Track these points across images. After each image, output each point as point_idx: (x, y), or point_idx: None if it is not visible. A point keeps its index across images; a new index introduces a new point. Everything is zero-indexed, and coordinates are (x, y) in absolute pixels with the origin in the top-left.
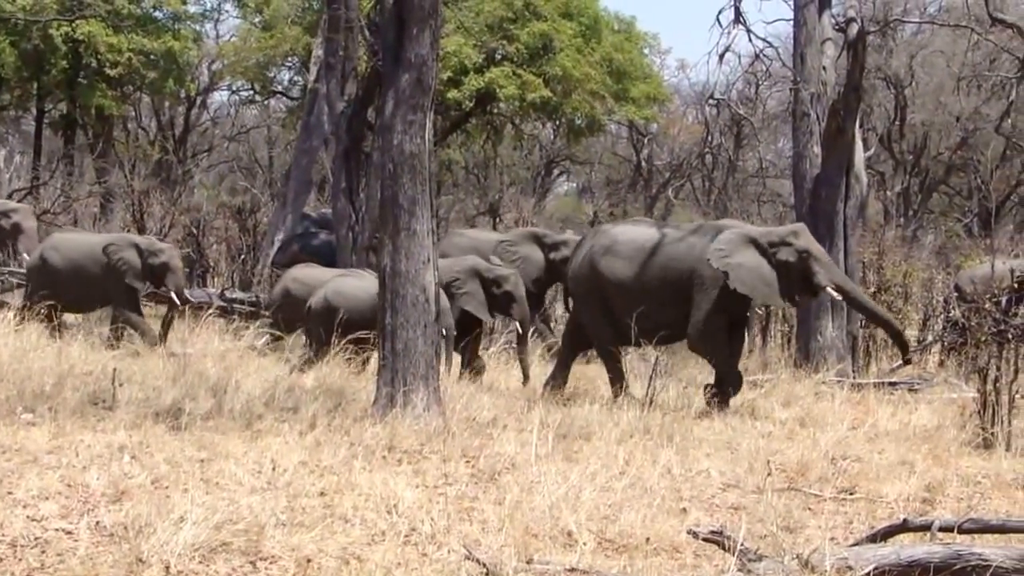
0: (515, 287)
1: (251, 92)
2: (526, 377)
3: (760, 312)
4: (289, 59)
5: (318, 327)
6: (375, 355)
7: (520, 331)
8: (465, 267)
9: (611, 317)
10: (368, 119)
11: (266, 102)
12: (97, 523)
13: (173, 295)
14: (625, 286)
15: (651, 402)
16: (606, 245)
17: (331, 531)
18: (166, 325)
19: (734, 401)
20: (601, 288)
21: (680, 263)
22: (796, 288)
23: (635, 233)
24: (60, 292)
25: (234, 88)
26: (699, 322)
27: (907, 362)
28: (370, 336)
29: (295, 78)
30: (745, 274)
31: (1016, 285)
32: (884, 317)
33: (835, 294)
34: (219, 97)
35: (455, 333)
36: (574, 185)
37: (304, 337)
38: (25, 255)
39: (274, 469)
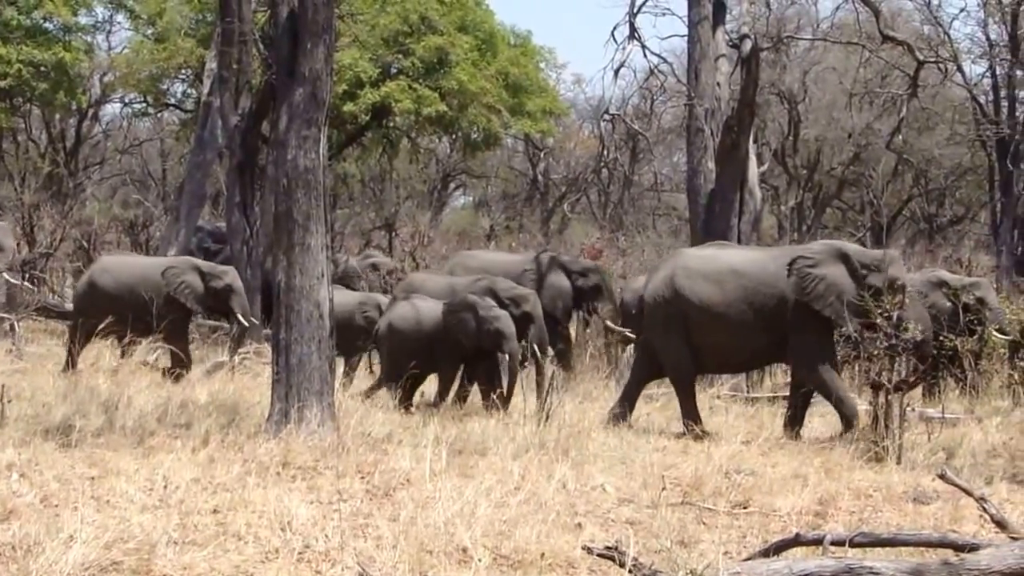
0: (533, 308)
1: (144, 104)
2: (539, 399)
3: None
4: (182, 71)
5: (384, 352)
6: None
7: (537, 354)
8: (481, 287)
9: (690, 344)
10: (263, 133)
11: (159, 115)
12: None
13: (240, 317)
14: (711, 311)
15: (547, 417)
16: (691, 267)
17: (224, 549)
18: (235, 344)
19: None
20: (683, 313)
21: (771, 287)
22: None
23: (722, 255)
24: (111, 317)
25: (126, 100)
26: (806, 350)
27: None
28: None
29: (188, 91)
30: (824, 288)
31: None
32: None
33: (919, 331)
34: (111, 109)
35: (520, 356)
36: (470, 199)
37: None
38: (6, 275)
39: (166, 486)
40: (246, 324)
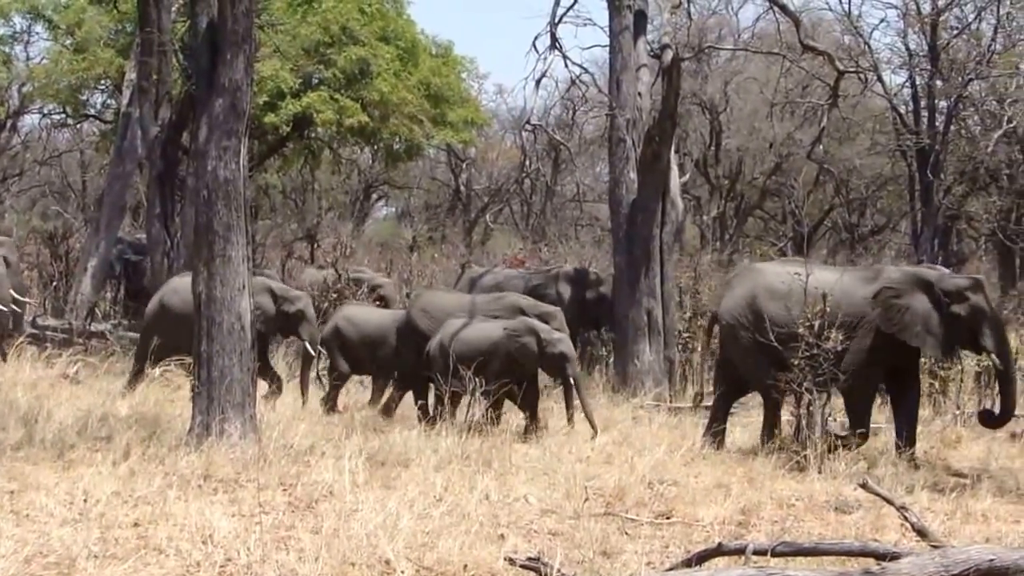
0: (560, 325)
1: (63, 115)
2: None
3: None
4: (102, 82)
5: (437, 372)
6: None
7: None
8: (506, 304)
9: (769, 359)
10: (183, 144)
11: (78, 125)
12: None
13: (307, 345)
14: (790, 329)
15: (470, 428)
16: (770, 286)
17: (145, 563)
18: (305, 382)
19: (553, 425)
20: (759, 331)
21: (853, 307)
22: (961, 341)
23: (803, 274)
24: (180, 339)
25: (45, 111)
26: (852, 364)
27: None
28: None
29: (108, 101)
30: (910, 319)
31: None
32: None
33: (997, 361)
34: (30, 120)
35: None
36: (393, 210)
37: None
38: (11, 291)
39: (86, 500)
40: (312, 353)
